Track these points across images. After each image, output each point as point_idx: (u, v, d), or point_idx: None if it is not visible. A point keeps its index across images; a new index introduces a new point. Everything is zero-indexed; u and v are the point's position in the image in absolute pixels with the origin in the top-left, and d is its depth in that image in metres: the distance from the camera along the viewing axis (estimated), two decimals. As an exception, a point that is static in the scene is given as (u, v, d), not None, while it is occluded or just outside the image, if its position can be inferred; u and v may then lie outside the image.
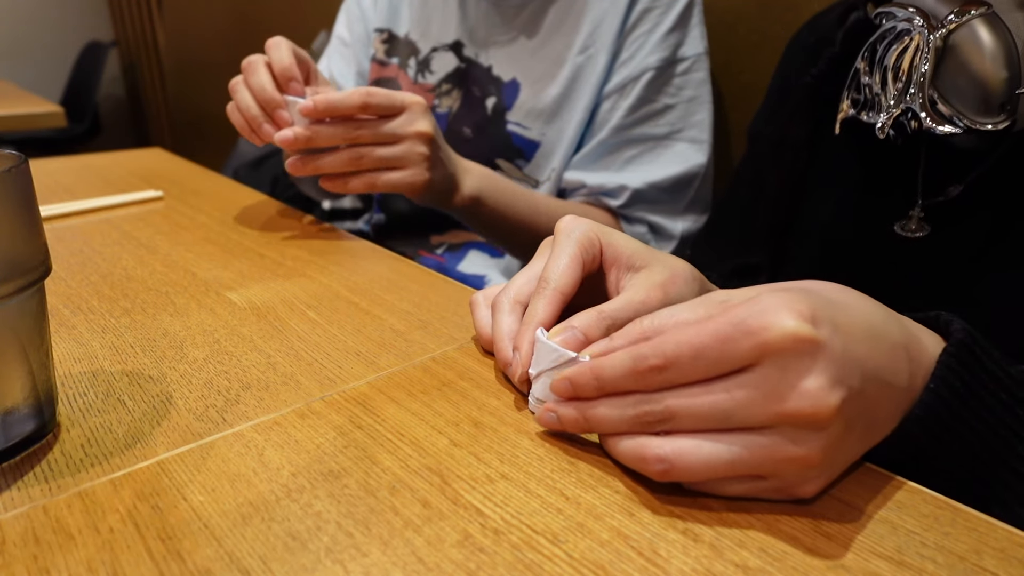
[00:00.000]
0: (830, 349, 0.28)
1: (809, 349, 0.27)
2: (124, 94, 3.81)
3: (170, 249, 0.62)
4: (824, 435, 0.28)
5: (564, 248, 0.40)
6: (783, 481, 0.29)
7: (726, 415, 0.29)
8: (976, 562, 0.27)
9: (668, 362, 0.29)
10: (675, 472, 0.29)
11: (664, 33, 0.82)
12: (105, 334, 0.45)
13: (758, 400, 0.28)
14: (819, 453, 0.28)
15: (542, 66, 0.87)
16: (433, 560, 0.27)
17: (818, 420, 0.27)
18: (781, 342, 0.27)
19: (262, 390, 0.39)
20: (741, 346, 0.28)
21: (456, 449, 0.34)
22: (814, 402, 0.27)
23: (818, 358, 0.27)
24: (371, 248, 0.64)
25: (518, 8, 0.87)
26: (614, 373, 0.31)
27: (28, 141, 2.83)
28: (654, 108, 0.83)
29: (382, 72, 0.98)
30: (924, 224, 0.50)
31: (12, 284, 0.30)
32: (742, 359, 0.28)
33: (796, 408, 0.27)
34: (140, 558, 0.27)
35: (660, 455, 0.29)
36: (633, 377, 0.30)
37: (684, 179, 0.83)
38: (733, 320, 0.28)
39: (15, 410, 0.32)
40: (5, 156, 0.31)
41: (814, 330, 0.27)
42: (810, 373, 0.27)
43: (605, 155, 0.84)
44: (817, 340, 0.27)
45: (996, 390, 0.32)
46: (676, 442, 0.29)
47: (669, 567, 0.27)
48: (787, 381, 0.27)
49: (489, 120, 0.89)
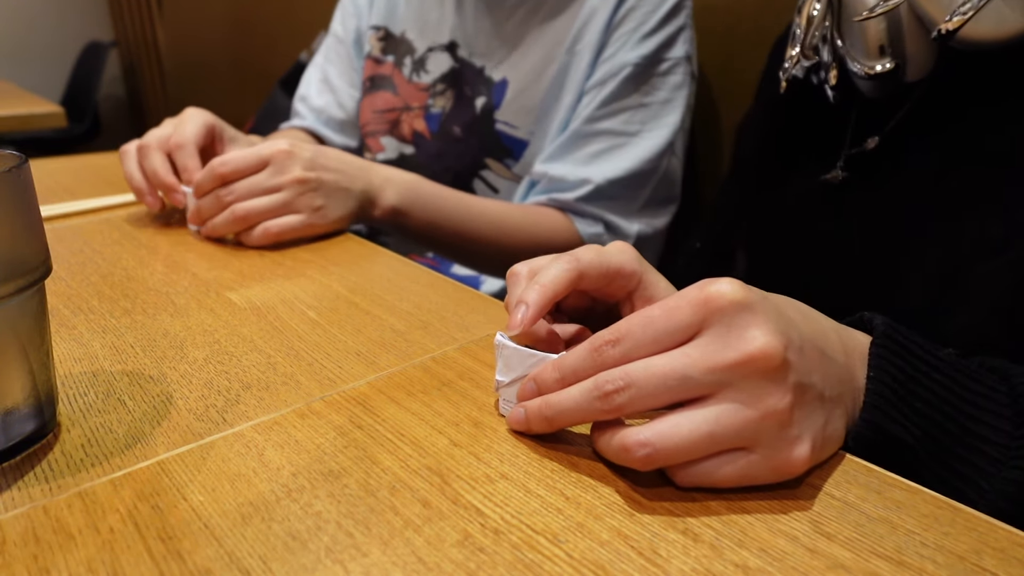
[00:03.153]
0: (765, 307, 0.31)
1: (747, 306, 0.30)
2: (124, 94, 3.81)
3: (170, 249, 0.62)
4: (782, 382, 0.30)
5: (610, 254, 0.39)
6: (769, 449, 0.30)
7: (683, 375, 0.30)
8: (976, 562, 0.28)
9: (620, 335, 0.32)
10: (659, 454, 0.30)
11: (648, 32, 0.82)
12: (105, 334, 0.45)
13: (711, 354, 0.30)
14: (786, 403, 0.30)
15: (532, 65, 0.87)
16: (433, 560, 0.27)
17: (769, 362, 0.29)
18: (719, 301, 0.30)
19: (262, 390, 0.39)
20: (685, 311, 0.31)
21: (456, 449, 0.34)
22: (762, 345, 0.29)
23: (757, 312, 0.30)
24: (371, 248, 0.64)
25: (512, 9, 0.87)
26: (573, 359, 0.33)
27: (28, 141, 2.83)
28: (627, 104, 0.82)
29: (377, 69, 0.98)
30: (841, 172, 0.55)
31: (12, 284, 0.30)
32: (688, 323, 0.31)
33: (747, 352, 0.29)
34: (140, 558, 0.27)
35: (641, 439, 0.30)
36: (590, 358, 0.32)
37: (639, 175, 0.82)
38: (678, 294, 0.32)
39: (15, 410, 0.32)
40: (5, 156, 0.32)
41: (748, 293, 0.31)
42: (752, 325, 0.30)
43: (572, 146, 0.83)
44: (752, 300, 0.30)
45: (929, 371, 0.35)
46: (654, 425, 0.30)
47: (669, 567, 0.27)
48: (733, 333, 0.30)
49: (478, 120, 0.89)
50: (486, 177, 0.91)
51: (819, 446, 0.31)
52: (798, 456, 0.30)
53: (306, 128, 1.01)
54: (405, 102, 0.95)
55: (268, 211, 0.62)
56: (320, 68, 1.04)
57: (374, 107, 0.98)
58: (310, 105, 1.02)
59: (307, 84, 1.05)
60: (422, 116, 0.94)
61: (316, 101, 1.02)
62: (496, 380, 0.37)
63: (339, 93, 1.02)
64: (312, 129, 1.01)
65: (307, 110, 1.02)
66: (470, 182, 0.91)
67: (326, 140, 1.01)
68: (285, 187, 0.63)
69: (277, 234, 0.63)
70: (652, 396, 0.30)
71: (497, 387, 0.37)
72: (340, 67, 1.03)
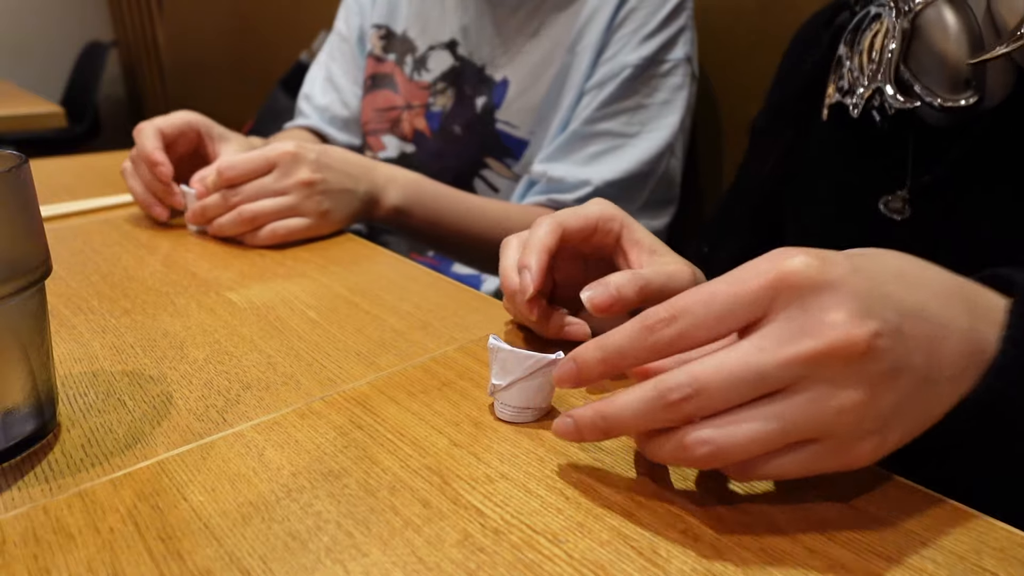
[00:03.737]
0: (850, 284, 0.27)
1: (828, 285, 0.26)
2: (124, 94, 3.81)
3: (170, 249, 0.62)
4: (865, 373, 0.26)
5: (583, 207, 0.41)
6: (838, 441, 0.27)
7: (760, 373, 0.26)
8: (976, 562, 0.27)
9: (677, 311, 0.28)
10: (722, 452, 0.27)
11: (648, 33, 0.82)
12: (105, 334, 0.45)
13: (787, 344, 0.26)
14: (866, 395, 0.26)
15: (533, 66, 0.87)
16: (433, 560, 0.27)
17: (852, 352, 0.26)
18: (793, 277, 0.27)
19: (262, 390, 0.39)
20: (750, 286, 0.27)
21: (456, 449, 0.34)
22: (844, 332, 0.26)
23: (839, 292, 0.26)
24: (371, 248, 0.64)
25: (513, 9, 0.87)
26: (620, 337, 0.29)
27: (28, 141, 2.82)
28: (627, 105, 0.83)
29: (378, 68, 0.98)
30: (908, 206, 0.51)
31: (12, 284, 0.30)
32: (754, 300, 0.27)
33: (827, 342, 0.26)
34: (140, 558, 0.27)
35: (702, 437, 0.27)
36: (641, 337, 0.28)
37: (638, 176, 0.83)
38: (741, 267, 0.28)
39: (15, 410, 0.32)
40: (5, 156, 0.31)
41: (827, 266, 0.27)
42: (833, 307, 0.26)
43: (572, 146, 0.83)
44: (834, 276, 0.27)
45: None
46: (716, 421, 0.27)
47: (669, 567, 0.27)
48: (812, 319, 0.26)
49: (479, 119, 0.89)
50: (486, 176, 0.91)
51: (897, 435, 0.28)
52: (867, 450, 0.28)
53: (310, 127, 1.01)
54: (406, 100, 0.95)
55: (275, 213, 0.63)
56: (324, 66, 1.04)
57: (375, 105, 0.98)
58: (314, 104, 1.02)
59: (311, 83, 1.05)
60: (423, 115, 0.94)
61: (320, 100, 1.02)
62: (491, 384, 0.36)
63: (343, 91, 1.02)
64: (316, 128, 1.01)
65: (311, 109, 1.02)
66: (470, 181, 0.91)
67: (330, 138, 1.01)
68: (292, 190, 0.64)
69: (284, 236, 0.63)
70: (725, 400, 0.27)
71: (492, 391, 0.36)
72: (344, 65, 1.02)
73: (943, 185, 0.49)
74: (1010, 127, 0.45)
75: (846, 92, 0.53)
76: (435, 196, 0.75)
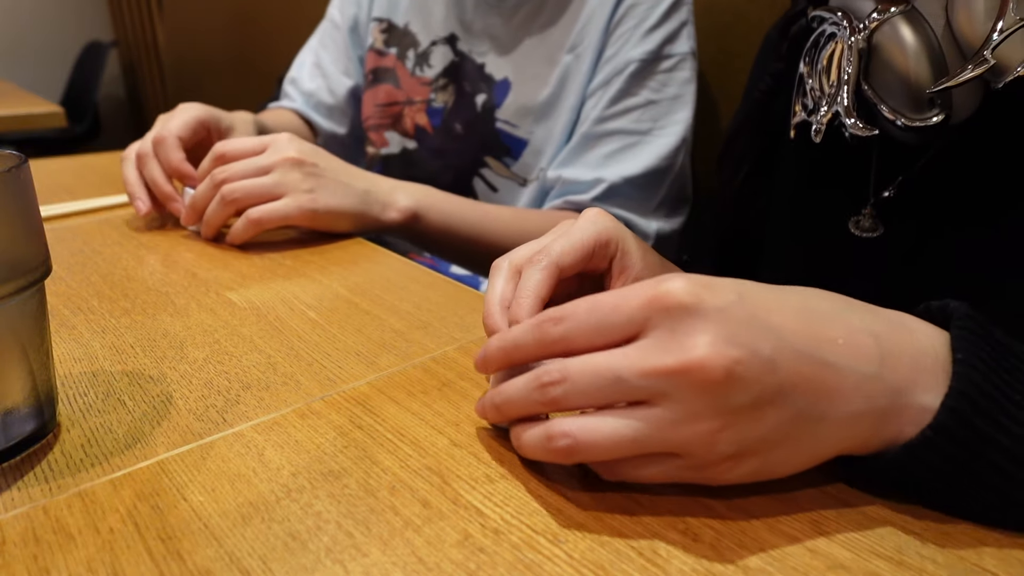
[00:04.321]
0: (727, 312, 0.28)
1: (697, 310, 0.28)
2: (124, 94, 3.81)
3: (170, 249, 0.62)
4: (721, 402, 0.27)
5: (580, 231, 0.39)
6: (696, 459, 0.29)
7: (617, 376, 0.28)
8: (976, 562, 0.27)
9: (565, 315, 0.30)
10: (580, 448, 0.29)
11: (649, 28, 0.81)
12: (105, 334, 0.45)
13: (648, 357, 0.28)
14: (719, 422, 0.27)
15: (534, 66, 0.86)
16: (433, 560, 0.27)
17: (707, 376, 0.27)
18: (667, 299, 0.28)
19: (262, 390, 0.39)
20: (632, 306, 0.29)
21: (456, 449, 0.34)
22: (701, 356, 0.27)
23: (709, 319, 0.28)
24: (371, 248, 0.64)
25: (514, 9, 0.87)
26: (516, 330, 0.32)
27: (28, 141, 2.83)
28: (636, 102, 0.82)
29: (379, 62, 0.98)
30: (878, 223, 0.50)
31: (12, 284, 0.30)
32: (633, 319, 0.29)
33: (682, 362, 0.27)
34: (140, 558, 0.27)
35: (564, 430, 0.29)
36: (532, 332, 0.31)
37: (656, 173, 0.82)
38: (633, 286, 0.30)
39: (15, 410, 0.32)
40: (5, 156, 0.31)
41: (705, 292, 0.28)
42: (699, 331, 0.27)
43: (584, 148, 0.83)
44: (706, 304, 0.28)
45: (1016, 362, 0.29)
46: (580, 418, 0.29)
47: (669, 567, 0.27)
48: (676, 340, 0.28)
49: (479, 117, 0.89)
50: (485, 175, 0.91)
51: (766, 464, 0.29)
52: (731, 473, 0.29)
53: (295, 110, 1.00)
54: (407, 96, 0.95)
55: (256, 193, 0.61)
56: (313, 52, 1.03)
57: (376, 100, 0.98)
58: (300, 88, 1.01)
59: (299, 67, 1.04)
60: (424, 111, 0.94)
61: (307, 84, 1.01)
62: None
63: (331, 79, 1.01)
64: (301, 112, 1.00)
65: (297, 93, 1.01)
66: (470, 180, 0.91)
67: (314, 124, 1.01)
68: (277, 166, 0.62)
69: (259, 220, 0.61)
70: (586, 394, 0.29)
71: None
72: (334, 54, 1.02)
73: (908, 200, 0.48)
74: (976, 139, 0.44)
75: (811, 111, 0.51)
76: (448, 201, 0.73)
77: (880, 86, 0.45)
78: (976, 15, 0.39)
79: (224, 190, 0.61)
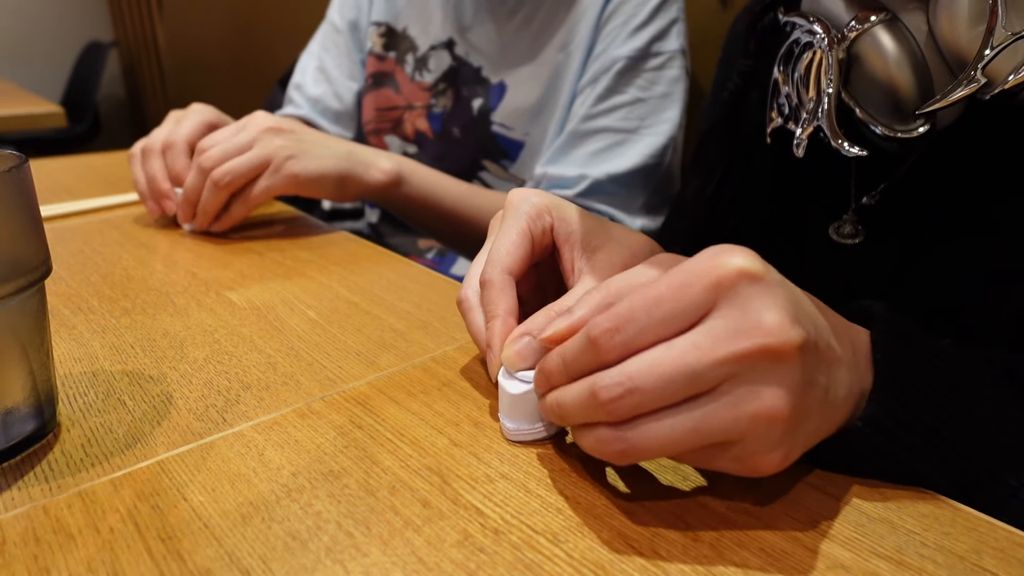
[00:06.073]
0: (784, 289, 0.27)
1: (764, 285, 0.27)
2: (124, 94, 3.81)
3: (170, 249, 0.62)
4: (787, 379, 0.26)
5: (511, 224, 0.39)
6: (746, 448, 0.27)
7: (691, 373, 0.26)
8: (976, 562, 0.28)
9: (621, 321, 0.28)
10: (634, 450, 0.27)
11: (637, 25, 0.81)
12: (105, 334, 0.45)
13: (721, 344, 0.26)
14: (786, 403, 0.26)
15: (529, 68, 0.86)
16: (433, 560, 0.27)
17: (782, 354, 0.26)
18: (734, 276, 0.27)
19: (262, 390, 0.39)
20: (695, 289, 0.27)
21: (456, 449, 0.34)
22: (778, 333, 0.26)
23: (775, 293, 0.27)
24: (371, 248, 0.64)
25: (511, 13, 0.87)
26: (574, 347, 0.30)
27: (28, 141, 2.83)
28: (623, 100, 0.81)
29: (379, 66, 0.98)
30: (859, 228, 0.49)
31: (13, 284, 0.30)
32: (699, 303, 0.27)
33: (762, 343, 0.26)
34: (140, 558, 0.27)
35: (618, 433, 0.28)
36: (591, 351, 0.28)
37: (642, 171, 0.82)
38: (684, 268, 0.28)
39: (15, 410, 0.32)
40: (5, 156, 0.32)
41: (764, 268, 0.27)
42: (770, 308, 0.26)
43: (571, 145, 0.83)
44: (768, 277, 0.27)
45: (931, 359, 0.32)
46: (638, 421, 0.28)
47: (669, 567, 0.27)
48: (749, 317, 0.26)
49: (476, 121, 0.89)
50: (484, 178, 0.91)
51: (795, 451, 0.29)
52: (773, 460, 0.28)
53: (301, 117, 1.00)
54: (408, 100, 0.95)
55: (245, 170, 0.63)
56: (316, 57, 1.03)
57: (376, 104, 0.98)
58: (306, 94, 1.01)
59: (302, 72, 1.03)
60: (424, 115, 0.94)
61: (312, 90, 1.01)
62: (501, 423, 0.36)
63: (336, 83, 1.01)
64: (307, 118, 1.00)
65: (303, 99, 1.01)
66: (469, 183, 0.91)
67: (322, 130, 1.00)
68: (257, 140, 0.64)
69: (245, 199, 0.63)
70: (660, 399, 0.27)
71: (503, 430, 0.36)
72: (337, 58, 1.02)
73: (890, 206, 0.48)
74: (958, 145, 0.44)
75: (788, 118, 0.50)
76: (431, 171, 0.75)
77: (862, 97, 0.44)
78: (959, 23, 0.39)
79: (214, 175, 0.62)
